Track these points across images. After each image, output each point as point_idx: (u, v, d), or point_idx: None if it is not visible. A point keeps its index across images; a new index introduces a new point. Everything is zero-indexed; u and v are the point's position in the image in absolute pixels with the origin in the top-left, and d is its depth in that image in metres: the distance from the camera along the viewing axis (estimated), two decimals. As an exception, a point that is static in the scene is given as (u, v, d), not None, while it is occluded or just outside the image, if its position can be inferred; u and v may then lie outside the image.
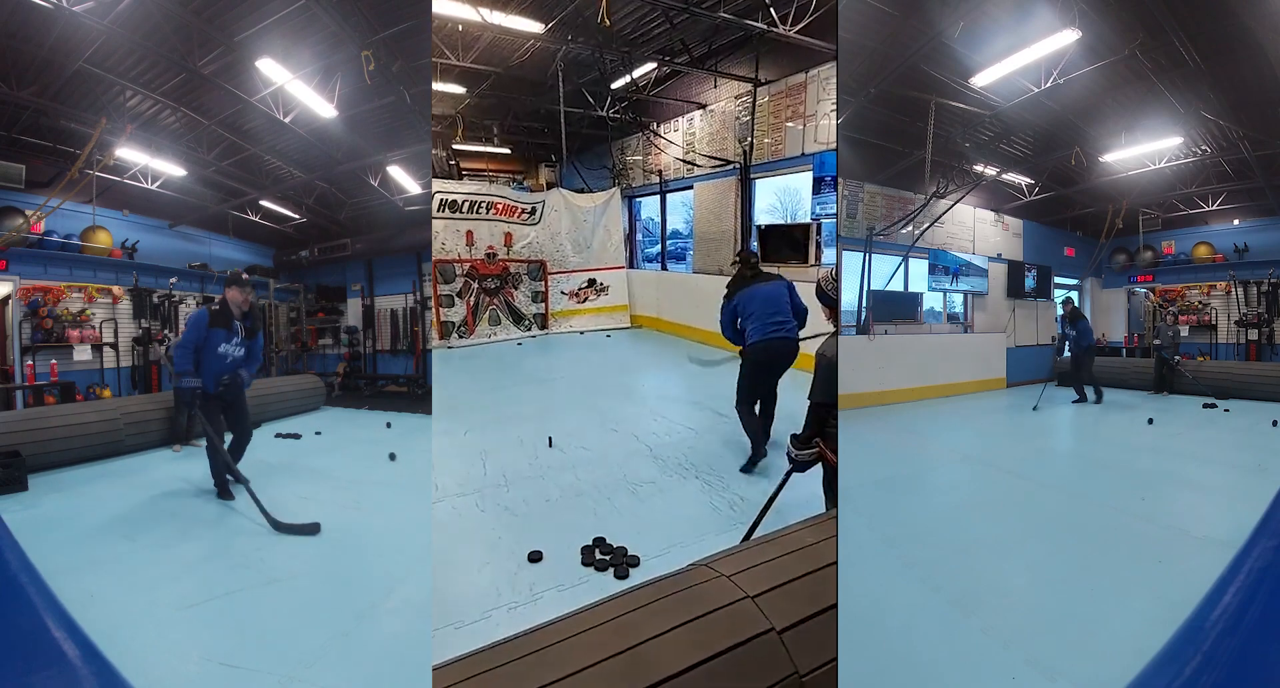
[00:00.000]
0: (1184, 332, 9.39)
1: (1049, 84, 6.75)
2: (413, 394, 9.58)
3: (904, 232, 8.27)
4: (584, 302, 10.72)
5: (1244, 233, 9.12)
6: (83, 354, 7.52)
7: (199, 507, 4.61)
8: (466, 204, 10.12)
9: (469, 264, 10.19)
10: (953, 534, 3.86)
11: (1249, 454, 5.46)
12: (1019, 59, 6.42)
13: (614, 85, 9.54)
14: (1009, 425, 7.62)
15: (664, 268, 11.17)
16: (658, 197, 11.00)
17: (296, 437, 6.68)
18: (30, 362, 7.16)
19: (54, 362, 7.31)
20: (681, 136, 10.14)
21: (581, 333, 10.33)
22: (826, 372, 2.74)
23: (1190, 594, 1.73)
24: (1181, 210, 9.56)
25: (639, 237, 11.88)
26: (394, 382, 10.02)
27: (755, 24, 6.94)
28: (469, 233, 10.15)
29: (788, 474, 2.97)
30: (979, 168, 8.49)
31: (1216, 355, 9.14)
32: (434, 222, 9.71)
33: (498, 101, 10.36)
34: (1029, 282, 9.75)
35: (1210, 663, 1.52)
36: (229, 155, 8.06)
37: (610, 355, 8.90)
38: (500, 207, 10.35)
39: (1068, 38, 5.97)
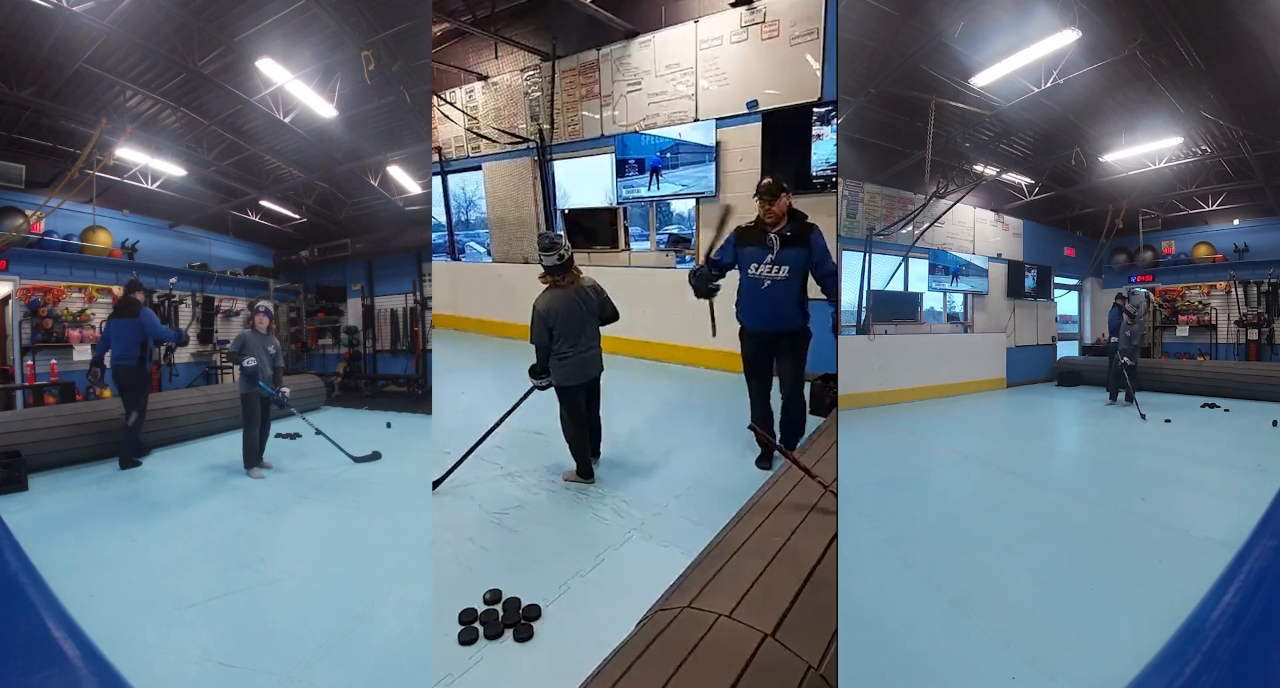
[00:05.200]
0: (1184, 331, 9.40)
1: (1049, 84, 6.76)
2: (413, 394, 9.59)
3: (904, 232, 8.27)
4: None
5: (1244, 233, 9.13)
6: (83, 354, 7.52)
7: (199, 506, 4.62)
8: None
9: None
10: (953, 534, 3.86)
11: (1249, 455, 5.46)
12: (1019, 59, 6.43)
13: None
14: (1009, 426, 7.62)
15: (454, 257, 9.84)
16: (438, 178, 9.51)
17: (297, 436, 6.68)
18: (30, 362, 7.17)
19: (54, 362, 7.33)
20: (461, 110, 8.92)
21: None
22: (532, 318, 3.72)
23: (1190, 594, 1.73)
24: (1181, 210, 9.57)
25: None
26: (394, 382, 10.03)
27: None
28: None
29: (526, 394, 3.91)
30: (979, 168, 8.49)
31: (1216, 355, 9.14)
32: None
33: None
34: (1029, 282, 9.76)
35: (1210, 663, 1.52)
36: (229, 155, 8.07)
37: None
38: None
39: (1068, 38, 5.98)
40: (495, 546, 3.18)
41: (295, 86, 6.66)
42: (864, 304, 7.92)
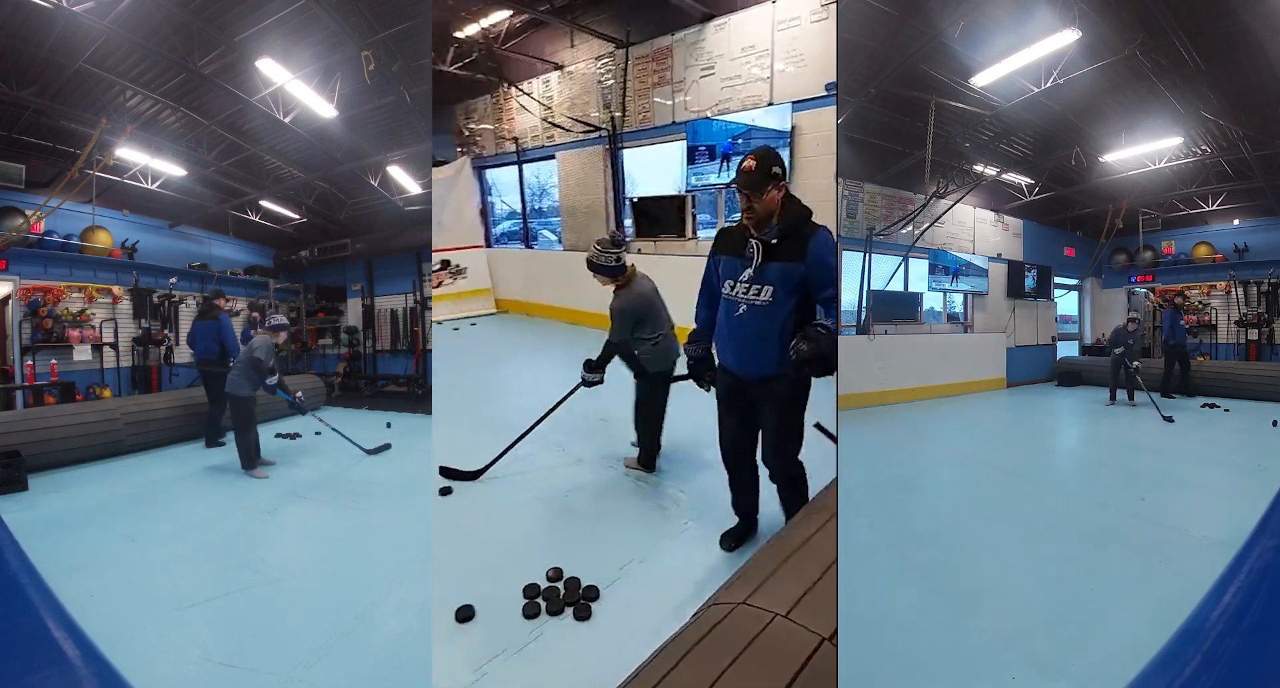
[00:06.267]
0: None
1: (1049, 84, 6.75)
2: (413, 394, 9.59)
3: (904, 232, 8.27)
4: (439, 286, 9.30)
5: (1244, 233, 9.12)
6: (83, 354, 7.53)
7: (198, 506, 4.62)
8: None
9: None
10: (953, 534, 3.86)
11: (1249, 455, 5.46)
12: (1019, 59, 6.43)
13: (457, 34, 7.89)
14: (1009, 426, 7.62)
15: (528, 245, 9.94)
16: (514, 167, 9.59)
17: (296, 436, 6.68)
18: (30, 362, 7.17)
19: (54, 362, 7.32)
20: (537, 101, 8.94)
21: (439, 322, 8.98)
22: (616, 317, 3.53)
23: (1190, 594, 1.73)
24: (1181, 210, 9.56)
25: (492, 212, 10.43)
26: (394, 382, 10.03)
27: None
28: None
29: (573, 389, 3.79)
30: (979, 168, 8.49)
31: (1216, 355, 9.14)
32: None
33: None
34: (1029, 282, 9.76)
35: (1210, 663, 1.51)
36: (229, 155, 8.07)
37: (481, 347, 7.86)
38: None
39: (1068, 38, 5.98)
40: (557, 526, 3.28)
41: (295, 86, 6.66)
42: (864, 304, 7.92)
